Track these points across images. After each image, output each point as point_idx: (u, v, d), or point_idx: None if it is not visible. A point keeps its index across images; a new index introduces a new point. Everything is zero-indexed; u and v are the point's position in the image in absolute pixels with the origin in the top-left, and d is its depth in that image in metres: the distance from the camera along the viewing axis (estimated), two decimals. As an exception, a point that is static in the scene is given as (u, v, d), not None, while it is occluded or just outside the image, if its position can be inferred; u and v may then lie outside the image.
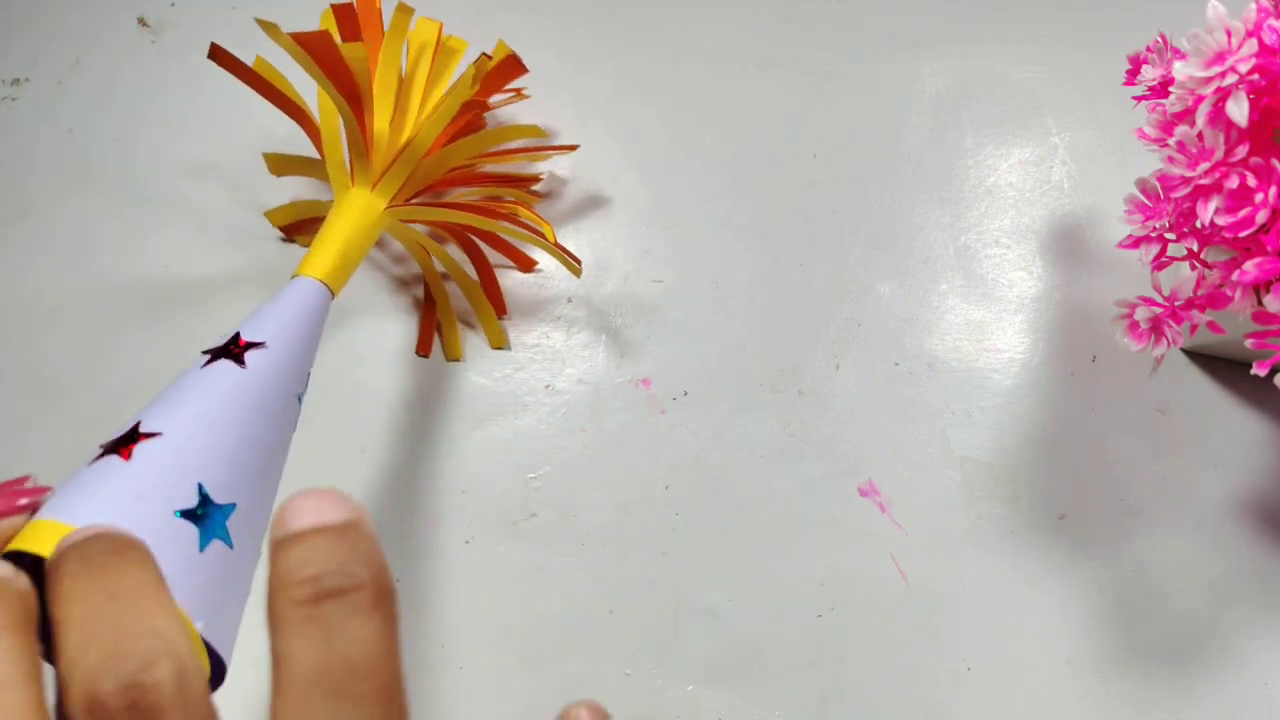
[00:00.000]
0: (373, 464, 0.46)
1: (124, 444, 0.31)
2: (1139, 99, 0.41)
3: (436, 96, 0.47)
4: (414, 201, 0.45)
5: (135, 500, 0.29)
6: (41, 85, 0.57)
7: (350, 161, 0.43)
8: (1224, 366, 0.47)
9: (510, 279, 0.51)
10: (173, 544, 0.29)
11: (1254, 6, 0.32)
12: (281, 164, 0.50)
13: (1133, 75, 0.42)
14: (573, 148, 0.51)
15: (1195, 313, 0.34)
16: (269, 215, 0.51)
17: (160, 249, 0.52)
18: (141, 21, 0.59)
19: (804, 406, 0.47)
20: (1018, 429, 0.46)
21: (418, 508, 0.46)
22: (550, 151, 0.51)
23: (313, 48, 0.39)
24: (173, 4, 0.59)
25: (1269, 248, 0.32)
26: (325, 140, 0.45)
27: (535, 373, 0.49)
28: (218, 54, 0.42)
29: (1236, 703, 0.41)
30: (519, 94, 0.52)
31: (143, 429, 0.32)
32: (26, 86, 0.57)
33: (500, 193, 0.50)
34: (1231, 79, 0.31)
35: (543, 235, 0.44)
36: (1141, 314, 0.35)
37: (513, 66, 0.45)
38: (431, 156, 0.44)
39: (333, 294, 0.39)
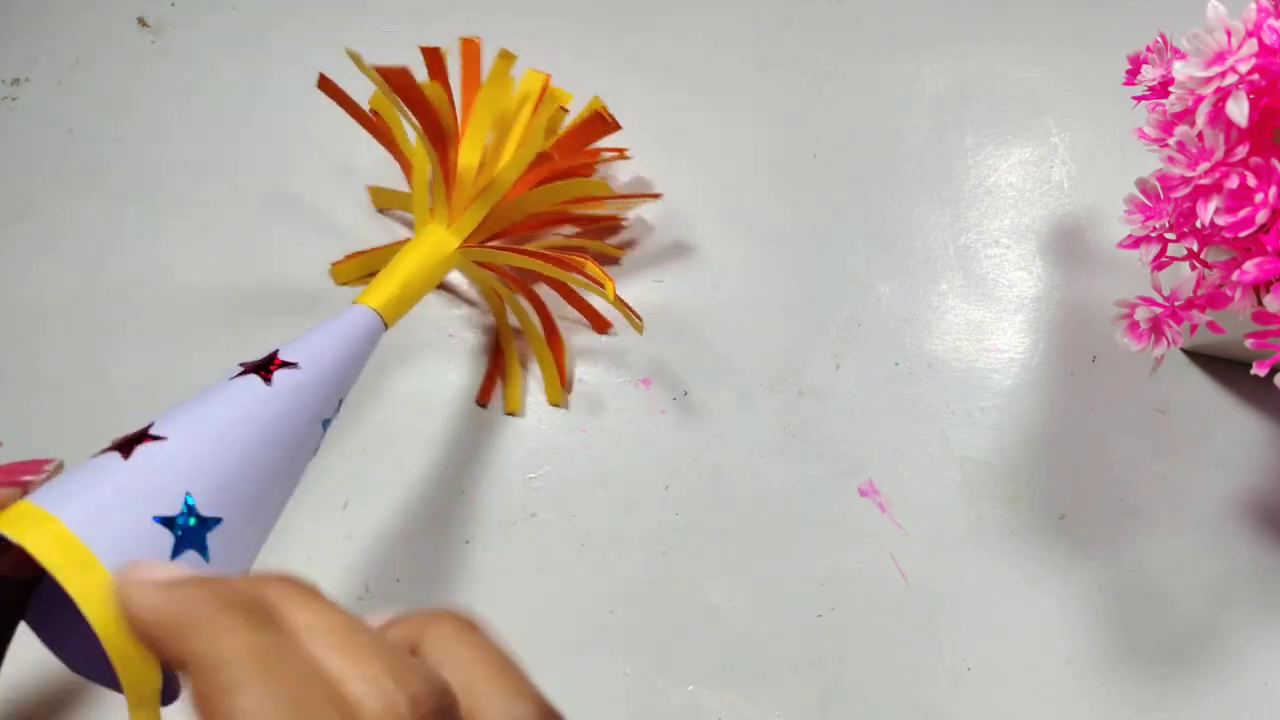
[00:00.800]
0: (374, 464, 0.46)
1: (130, 443, 0.31)
2: (1139, 99, 0.41)
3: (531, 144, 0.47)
4: (489, 245, 0.45)
5: (119, 498, 0.30)
6: (41, 85, 0.57)
7: (433, 198, 0.44)
8: (1224, 366, 0.47)
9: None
10: (142, 548, 0.29)
11: (1254, 6, 0.32)
12: (383, 198, 0.52)
13: (1133, 75, 0.42)
14: (656, 196, 0.51)
15: (1195, 313, 0.34)
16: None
17: (160, 249, 0.52)
18: (141, 21, 0.59)
19: (804, 406, 0.47)
20: (1018, 429, 0.46)
21: (418, 508, 0.46)
22: (634, 200, 0.51)
23: (393, 81, 0.39)
24: (173, 4, 0.59)
25: (1269, 248, 0.32)
26: (415, 175, 0.46)
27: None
28: (326, 86, 0.44)
29: (1236, 703, 0.41)
30: (621, 154, 0.51)
31: (153, 430, 0.32)
32: (26, 86, 0.57)
33: (584, 244, 0.50)
34: (1231, 79, 0.31)
35: (603, 290, 0.43)
36: (1141, 314, 0.35)
37: (600, 123, 0.45)
38: (507, 202, 0.44)
39: (386, 325, 0.40)
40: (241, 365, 0.35)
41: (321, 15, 0.59)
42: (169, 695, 0.28)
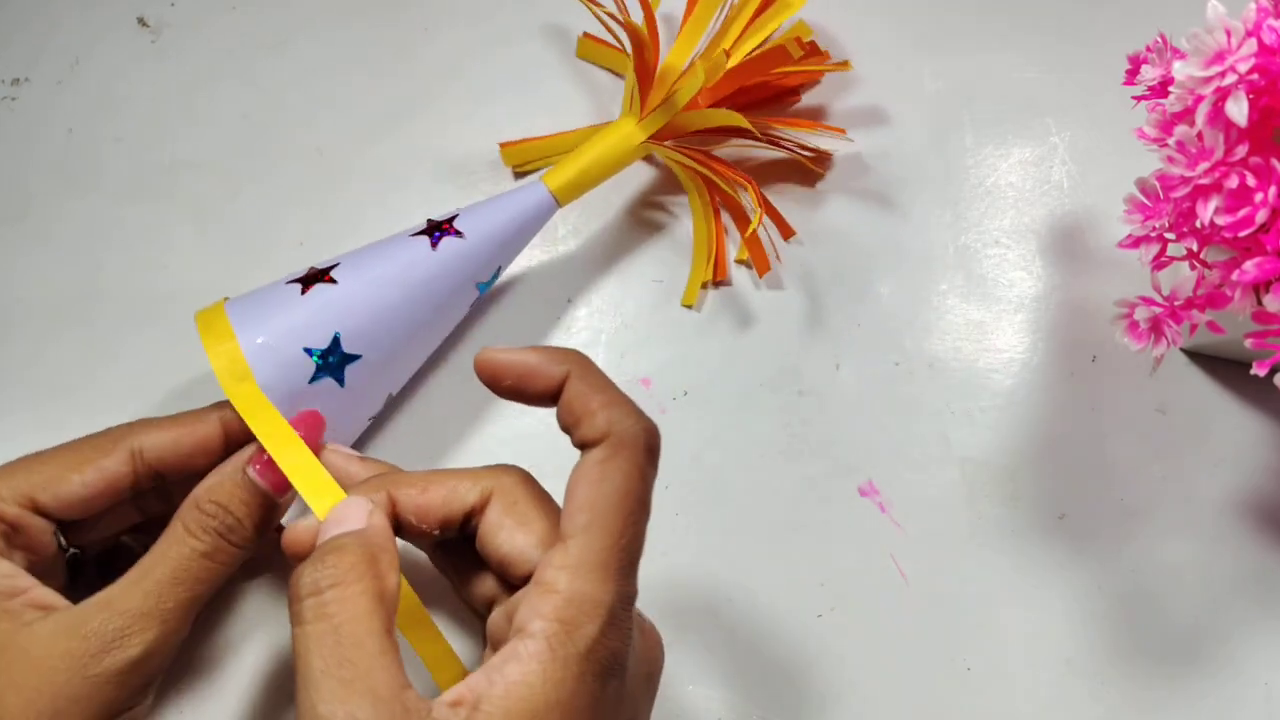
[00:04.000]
0: (373, 464, 0.46)
1: (312, 279, 0.39)
2: (1139, 99, 0.41)
3: (746, 48, 0.48)
4: (675, 144, 0.47)
5: (286, 330, 0.37)
6: (41, 85, 0.57)
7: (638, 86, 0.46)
8: (1224, 366, 0.47)
9: (508, 274, 0.50)
10: (290, 370, 0.37)
11: (1254, 6, 0.32)
12: (590, 50, 0.54)
13: (1133, 75, 0.42)
14: (845, 65, 0.52)
15: (1195, 313, 0.34)
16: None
17: (160, 249, 0.52)
18: (141, 21, 0.59)
19: (804, 406, 0.47)
20: (1018, 429, 0.46)
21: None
22: (821, 70, 0.51)
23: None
24: (173, 4, 0.59)
25: (1269, 248, 0.32)
26: (629, 64, 0.47)
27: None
28: None
29: (1236, 703, 0.41)
30: (844, 65, 0.52)
31: (332, 272, 0.39)
32: (26, 86, 0.57)
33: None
34: (1231, 79, 0.31)
35: (746, 226, 0.45)
36: (1141, 314, 0.35)
37: (783, 55, 0.46)
38: (689, 112, 0.45)
39: (560, 203, 0.44)
40: (428, 220, 0.42)
41: (320, 15, 0.59)
42: None
